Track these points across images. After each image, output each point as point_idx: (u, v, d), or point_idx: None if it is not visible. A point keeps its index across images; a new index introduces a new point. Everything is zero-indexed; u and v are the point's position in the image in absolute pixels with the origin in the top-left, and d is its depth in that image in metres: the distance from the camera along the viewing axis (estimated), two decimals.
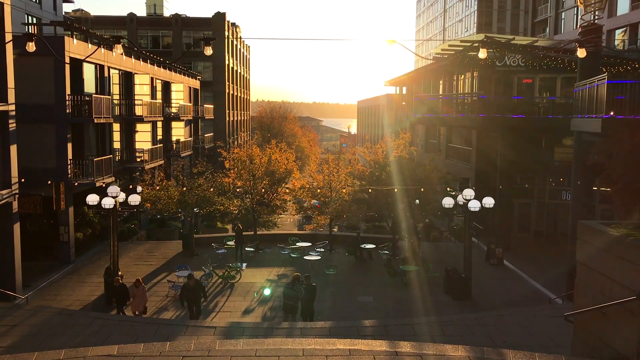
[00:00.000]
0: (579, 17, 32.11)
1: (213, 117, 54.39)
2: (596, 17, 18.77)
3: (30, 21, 33.96)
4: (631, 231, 7.75)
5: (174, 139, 40.29)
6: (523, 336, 13.73)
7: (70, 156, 24.28)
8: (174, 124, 40.57)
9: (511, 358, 7.87)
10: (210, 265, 22.11)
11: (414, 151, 29.55)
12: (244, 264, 23.22)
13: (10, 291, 18.21)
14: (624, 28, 38.51)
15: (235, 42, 66.74)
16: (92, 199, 19.01)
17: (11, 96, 19.05)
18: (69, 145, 24.32)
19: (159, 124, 37.75)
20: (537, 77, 29.87)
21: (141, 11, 69.91)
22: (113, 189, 19.10)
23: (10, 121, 19.17)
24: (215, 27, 59.22)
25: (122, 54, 28.81)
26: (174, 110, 39.66)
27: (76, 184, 24.12)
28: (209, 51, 16.95)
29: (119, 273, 19.24)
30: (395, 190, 25.62)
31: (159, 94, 37.66)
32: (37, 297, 19.30)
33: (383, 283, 21.72)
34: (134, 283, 17.37)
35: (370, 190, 26.46)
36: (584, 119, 16.87)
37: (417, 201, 26.00)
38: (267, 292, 19.69)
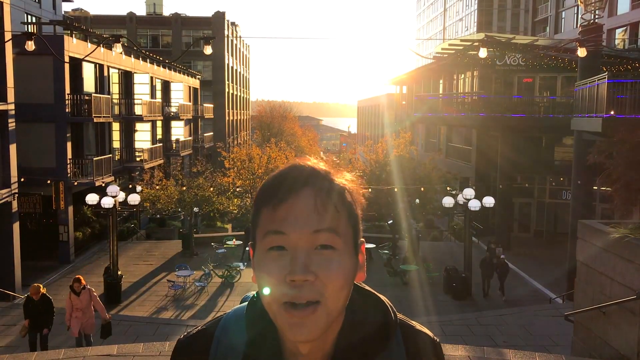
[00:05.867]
0: (580, 16, 32.06)
1: (213, 117, 54.37)
2: (596, 16, 18.74)
3: (29, 20, 33.94)
4: (631, 230, 7.72)
5: (173, 138, 40.26)
6: (523, 336, 13.71)
7: (69, 155, 24.26)
8: (174, 123, 40.54)
9: (511, 357, 7.85)
10: (210, 265, 22.10)
11: (414, 150, 29.53)
12: (244, 264, 23.19)
13: (9, 290, 18.19)
14: (625, 27, 38.46)
15: (235, 42, 66.70)
16: (91, 198, 18.98)
17: (10, 95, 19.03)
18: (69, 145, 24.30)
19: (159, 123, 37.73)
20: (538, 76, 29.83)
21: (141, 10, 69.90)
22: (112, 189, 19.08)
23: (10, 120, 19.16)
24: (215, 26, 59.18)
25: (121, 53, 28.77)
26: (173, 109, 39.64)
27: (76, 183, 24.10)
28: (208, 50, 16.95)
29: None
30: (396, 189, 25.60)
31: (158, 93, 37.63)
32: None
33: (383, 282, 21.68)
34: (71, 287, 11.68)
35: (370, 190, 26.44)
36: (584, 119, 16.85)
37: (417, 200, 25.98)
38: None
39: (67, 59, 23.37)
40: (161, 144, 36.46)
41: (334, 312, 1.04)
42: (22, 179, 20.45)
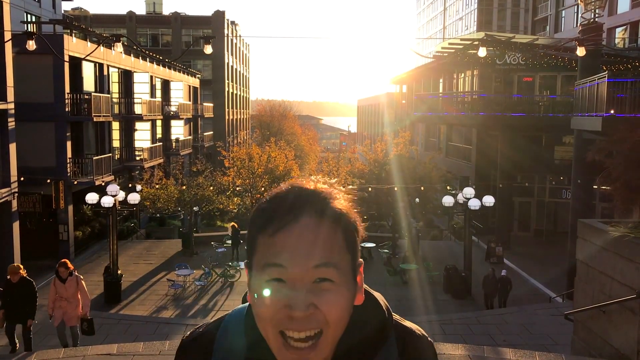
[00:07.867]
0: (579, 15, 32.06)
1: (213, 116, 54.36)
2: (596, 16, 18.74)
3: (29, 19, 33.91)
4: (631, 229, 7.72)
5: (173, 137, 40.26)
6: (523, 335, 13.71)
7: (69, 155, 24.26)
8: (174, 123, 40.54)
9: (511, 357, 7.85)
10: (210, 264, 22.11)
11: (414, 149, 29.54)
12: (243, 263, 23.18)
13: None
14: (625, 26, 38.44)
15: (235, 41, 66.67)
16: (91, 197, 18.98)
17: (10, 95, 19.04)
18: (69, 144, 24.30)
19: (159, 123, 37.73)
20: (538, 75, 29.83)
21: (140, 9, 69.83)
22: (112, 188, 19.07)
23: (10, 120, 19.17)
24: (215, 25, 59.13)
25: (121, 52, 28.78)
26: (173, 108, 39.63)
27: (75, 182, 24.10)
28: (208, 49, 16.94)
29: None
30: (395, 188, 25.61)
31: (158, 93, 37.62)
32: None
33: (383, 282, 21.70)
34: (56, 273, 10.06)
35: (370, 189, 26.44)
36: (584, 118, 16.85)
37: (417, 200, 25.98)
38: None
39: (67, 58, 23.35)
40: (161, 143, 36.46)
41: (334, 339, 1.03)
42: (22, 178, 20.45)
